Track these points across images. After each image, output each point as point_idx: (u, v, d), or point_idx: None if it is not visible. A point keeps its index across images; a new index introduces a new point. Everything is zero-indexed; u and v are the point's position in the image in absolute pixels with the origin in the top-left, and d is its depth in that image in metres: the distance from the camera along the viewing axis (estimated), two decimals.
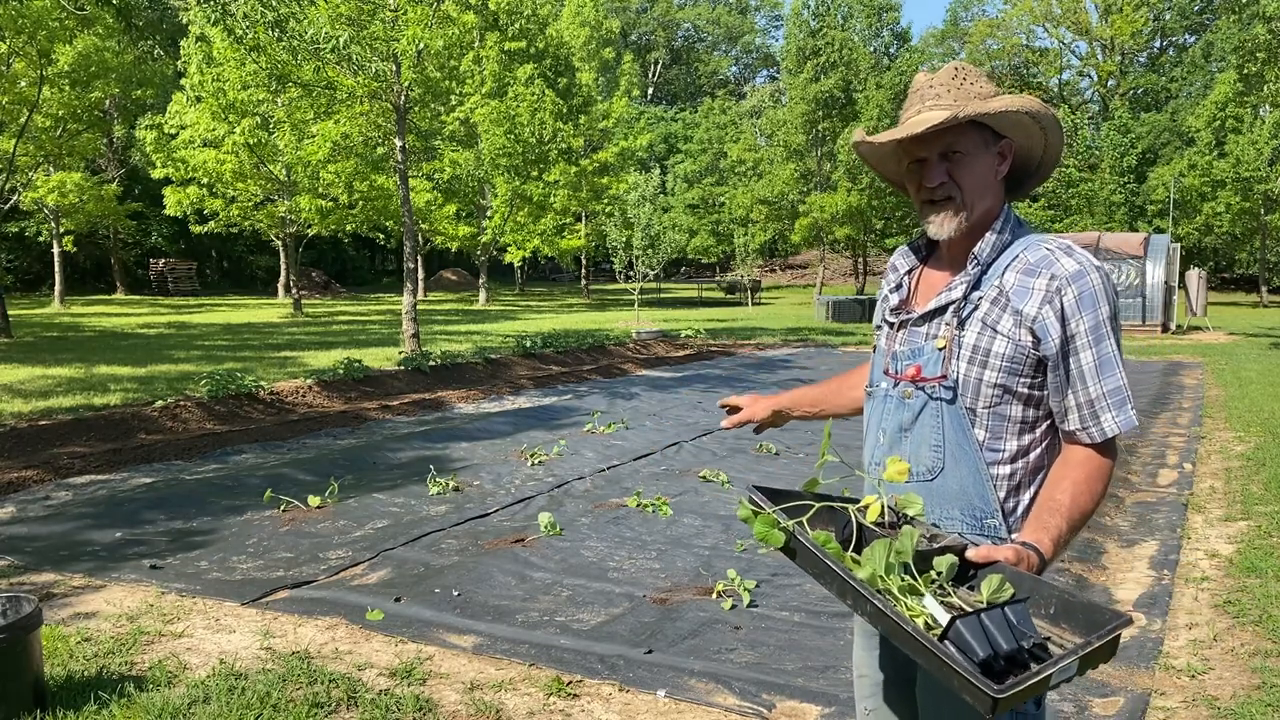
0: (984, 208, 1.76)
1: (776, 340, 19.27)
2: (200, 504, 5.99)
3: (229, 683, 3.39)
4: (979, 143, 1.74)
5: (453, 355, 13.25)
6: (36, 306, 27.76)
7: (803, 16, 40.23)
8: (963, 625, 1.32)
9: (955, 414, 1.73)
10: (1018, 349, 1.69)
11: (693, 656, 3.64)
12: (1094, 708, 3.28)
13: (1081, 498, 1.65)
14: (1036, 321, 1.67)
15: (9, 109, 19.82)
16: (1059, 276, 1.67)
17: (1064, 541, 1.61)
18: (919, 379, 1.77)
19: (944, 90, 1.75)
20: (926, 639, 1.33)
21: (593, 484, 6.59)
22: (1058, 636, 1.42)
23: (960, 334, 1.74)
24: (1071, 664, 1.31)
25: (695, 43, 74.70)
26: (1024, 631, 1.35)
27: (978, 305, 1.73)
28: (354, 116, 15.67)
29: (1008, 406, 1.72)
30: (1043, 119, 1.73)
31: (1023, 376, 1.71)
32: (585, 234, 36.03)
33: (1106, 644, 1.34)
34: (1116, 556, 5.04)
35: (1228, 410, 10.06)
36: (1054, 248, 1.72)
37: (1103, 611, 1.38)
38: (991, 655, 1.31)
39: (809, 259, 54.32)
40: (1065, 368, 1.69)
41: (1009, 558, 1.50)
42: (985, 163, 1.75)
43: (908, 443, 1.80)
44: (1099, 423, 1.69)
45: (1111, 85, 50.05)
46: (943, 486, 1.75)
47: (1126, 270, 20.50)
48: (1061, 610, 1.42)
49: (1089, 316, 1.66)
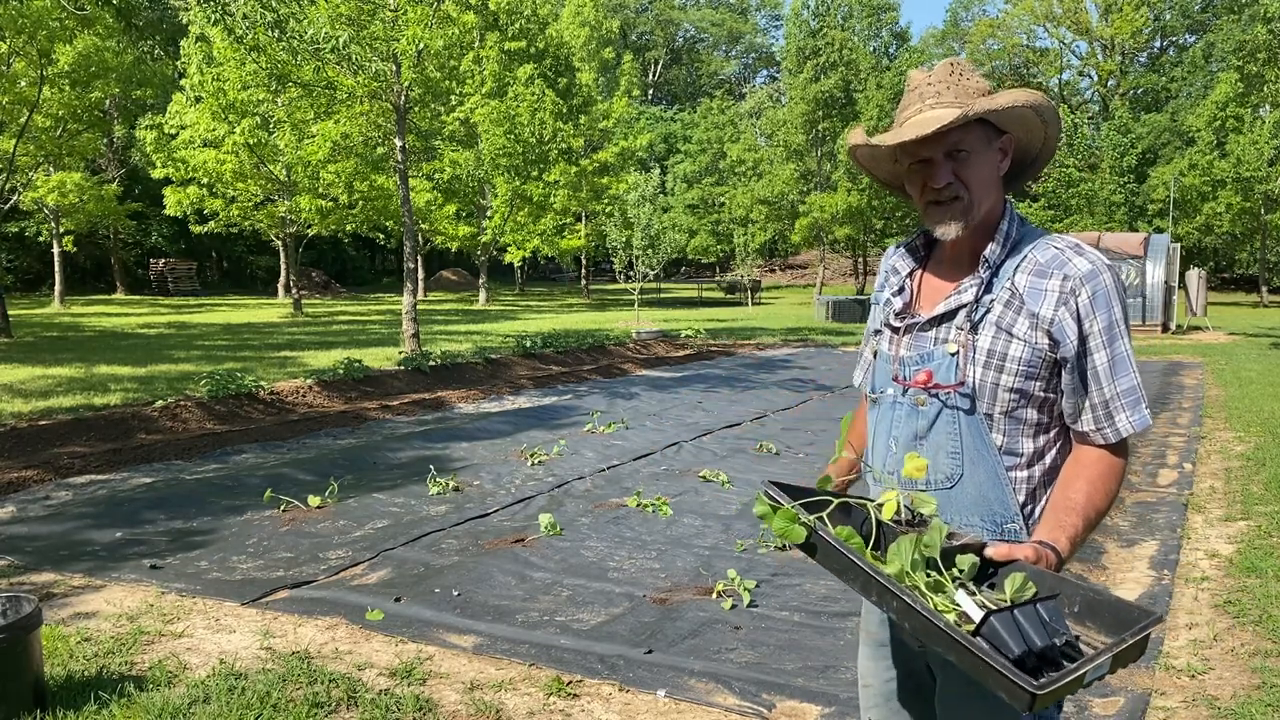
0: (988, 205, 1.75)
1: (776, 340, 19.27)
2: (200, 504, 5.99)
3: (229, 683, 3.39)
4: (983, 140, 1.72)
5: (453, 355, 13.25)
6: (36, 306, 27.76)
7: (802, 16, 40.27)
8: (997, 621, 1.30)
9: (973, 420, 1.71)
10: (1035, 352, 1.67)
11: (693, 656, 3.64)
12: (1094, 708, 3.28)
13: (1096, 496, 1.64)
14: (1054, 324, 1.66)
15: (9, 109, 19.82)
16: (1072, 277, 1.66)
17: (1080, 540, 1.60)
18: (932, 385, 1.74)
19: (944, 88, 1.72)
20: (960, 635, 1.30)
21: (593, 484, 6.59)
22: (1084, 635, 1.40)
23: (975, 338, 1.71)
24: (1105, 662, 1.30)
25: (695, 43, 74.70)
26: (1058, 629, 1.33)
27: (990, 308, 1.71)
28: (354, 116, 15.67)
29: (1024, 410, 1.70)
30: (1045, 112, 1.71)
31: (1039, 380, 1.69)
32: (585, 234, 36.02)
33: (1138, 642, 1.32)
34: (1116, 556, 5.04)
35: (1228, 410, 10.05)
36: (1064, 247, 1.70)
37: (1131, 609, 1.36)
38: (1025, 652, 1.28)
39: (809, 259, 54.33)
40: (1080, 369, 1.67)
41: (1029, 555, 1.49)
42: (990, 160, 1.73)
43: (924, 450, 1.77)
44: (1113, 423, 1.67)
45: (1111, 85, 50.04)
46: (961, 493, 1.73)
47: (1126, 270, 20.52)
48: (1086, 608, 1.40)
49: (1103, 316, 1.65)
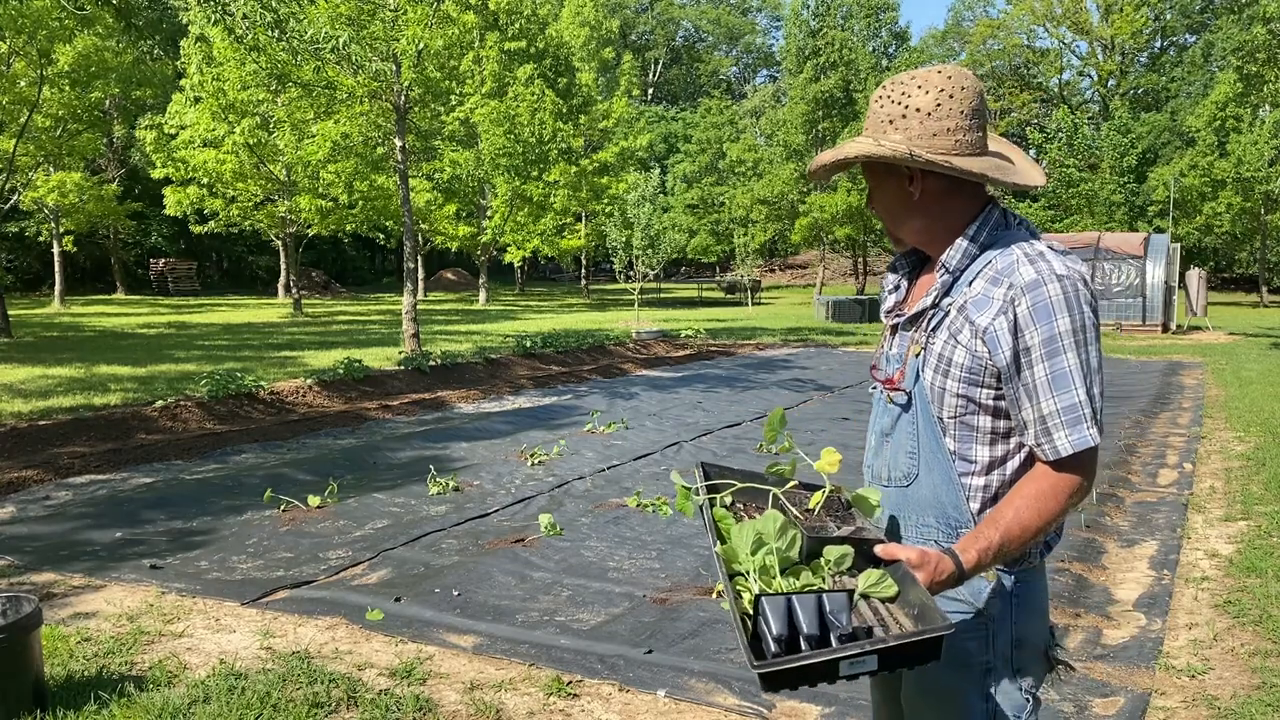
0: (917, 226, 1.74)
1: (776, 340, 19.27)
2: (200, 504, 5.99)
3: (229, 682, 3.39)
4: (879, 173, 1.73)
5: (453, 355, 13.25)
6: (36, 306, 27.76)
7: (802, 16, 40.28)
8: (766, 602, 1.37)
9: (928, 421, 1.71)
10: (974, 359, 1.64)
11: (693, 656, 3.64)
12: (1094, 707, 3.28)
13: (1025, 513, 1.59)
14: (988, 333, 1.62)
15: (9, 109, 19.81)
16: (1015, 286, 1.60)
17: (994, 554, 1.56)
18: (892, 384, 1.77)
19: (869, 115, 1.74)
20: (734, 611, 1.39)
21: (593, 484, 6.59)
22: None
23: (930, 342, 1.71)
24: (866, 658, 1.31)
25: (695, 43, 74.71)
26: (835, 623, 1.35)
27: (947, 313, 1.69)
28: (354, 116, 15.68)
29: (974, 417, 1.68)
30: (896, 157, 1.64)
31: (983, 388, 1.66)
32: (585, 234, 36.02)
33: (912, 645, 1.33)
34: (1116, 556, 5.04)
35: (1228, 410, 10.05)
36: (1022, 254, 1.64)
37: (933, 616, 1.36)
38: (789, 635, 1.33)
39: (809, 259, 54.31)
40: (1019, 381, 1.62)
41: (912, 558, 1.49)
42: (891, 188, 1.73)
43: (889, 447, 1.79)
44: (1051, 440, 1.61)
45: (1112, 85, 50.02)
46: (917, 493, 1.74)
47: (1126, 270, 20.50)
48: (921, 615, 1.41)
49: (1044, 329, 1.58)
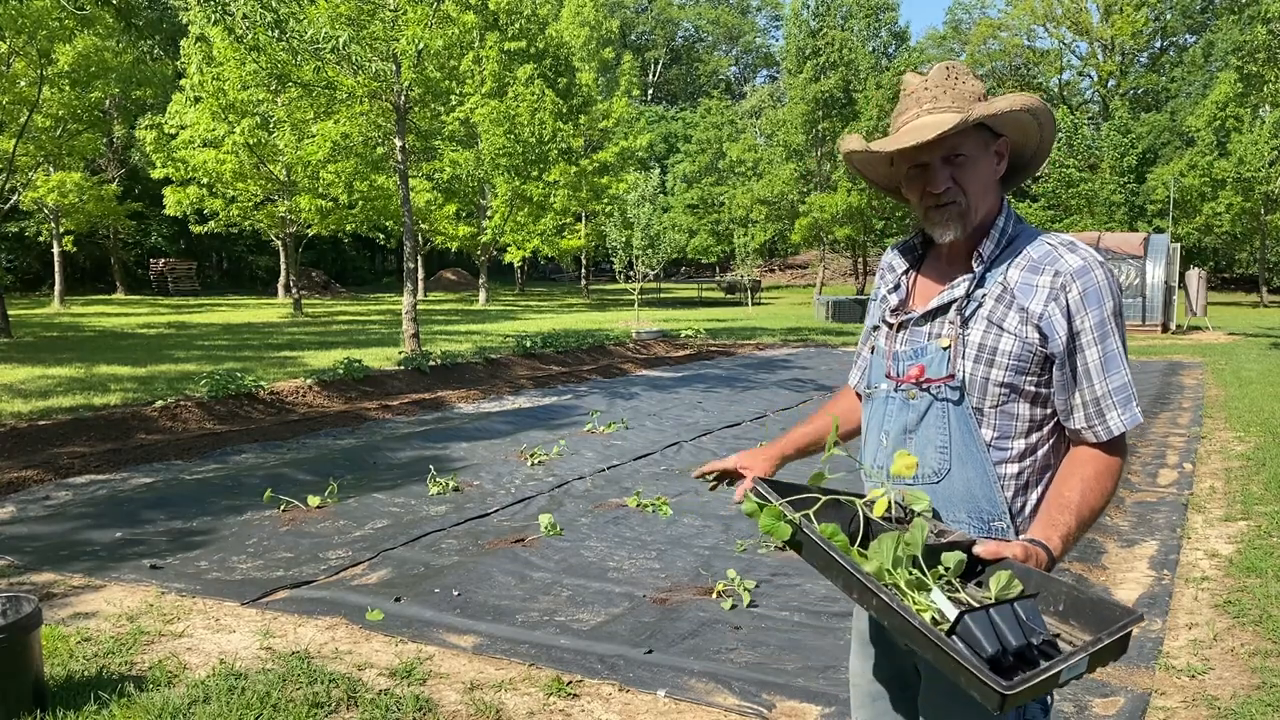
0: (985, 208, 1.76)
1: (776, 340, 19.26)
2: (200, 504, 5.99)
3: (229, 683, 3.39)
4: (980, 144, 1.73)
5: (453, 355, 13.24)
6: (36, 306, 27.76)
7: (802, 16, 40.27)
8: (971, 620, 1.30)
9: (962, 414, 1.72)
10: (1025, 346, 1.68)
11: (693, 656, 3.64)
12: (1094, 708, 3.28)
13: (1091, 495, 1.64)
14: (1043, 319, 1.66)
15: (9, 109, 19.81)
16: (1063, 273, 1.67)
17: (1073, 539, 1.60)
18: (923, 380, 1.75)
19: (940, 92, 1.73)
20: (934, 634, 1.30)
21: (593, 484, 6.59)
22: (1067, 634, 1.39)
23: (965, 332, 1.72)
24: (1081, 661, 1.29)
25: (695, 43, 74.68)
26: (1034, 628, 1.32)
27: (981, 303, 1.72)
28: (354, 116, 15.68)
29: (1015, 405, 1.71)
30: (1040, 115, 1.72)
31: (1029, 375, 1.69)
32: (585, 234, 36.02)
33: (1116, 641, 1.31)
34: (1116, 556, 5.04)
35: (1228, 410, 10.05)
36: (1057, 243, 1.71)
37: (1113, 608, 1.35)
38: (1000, 651, 1.28)
39: (809, 259, 54.30)
40: (1071, 365, 1.68)
41: (1017, 554, 1.49)
42: (987, 164, 1.75)
43: (912, 445, 1.78)
44: (1104, 421, 1.67)
45: (1112, 85, 50.02)
46: (949, 488, 1.74)
47: (1126, 270, 20.50)
48: (1071, 607, 1.39)
49: (1094, 313, 1.65)
